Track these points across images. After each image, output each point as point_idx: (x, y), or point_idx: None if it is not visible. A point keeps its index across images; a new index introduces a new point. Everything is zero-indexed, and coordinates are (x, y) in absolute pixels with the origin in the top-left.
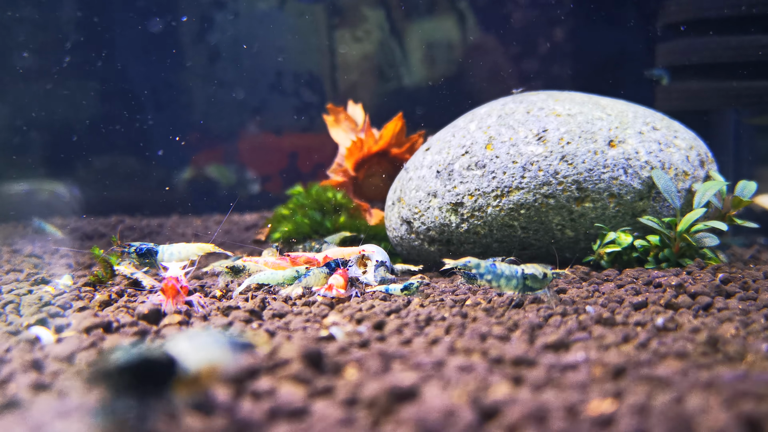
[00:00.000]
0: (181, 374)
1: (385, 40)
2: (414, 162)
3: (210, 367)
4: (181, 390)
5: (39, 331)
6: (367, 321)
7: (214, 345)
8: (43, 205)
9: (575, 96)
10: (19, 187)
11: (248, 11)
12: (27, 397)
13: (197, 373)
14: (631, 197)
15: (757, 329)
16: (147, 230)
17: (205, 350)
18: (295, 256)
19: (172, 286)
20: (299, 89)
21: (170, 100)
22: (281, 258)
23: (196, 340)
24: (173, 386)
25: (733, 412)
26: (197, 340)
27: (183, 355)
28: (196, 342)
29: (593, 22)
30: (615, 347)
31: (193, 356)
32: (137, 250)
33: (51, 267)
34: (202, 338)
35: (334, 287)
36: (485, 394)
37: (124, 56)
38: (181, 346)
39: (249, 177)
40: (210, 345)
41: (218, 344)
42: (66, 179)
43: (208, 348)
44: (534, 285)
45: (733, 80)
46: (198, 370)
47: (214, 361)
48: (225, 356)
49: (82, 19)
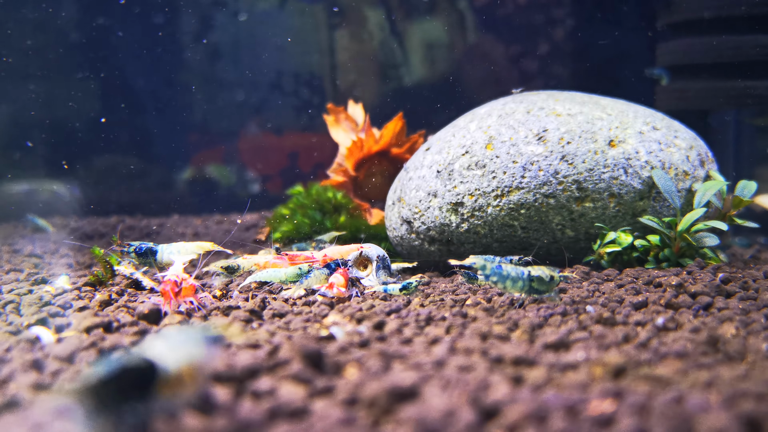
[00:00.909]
0: (162, 376)
1: (385, 39)
2: (414, 162)
3: (189, 365)
4: (166, 391)
5: (39, 331)
6: (367, 321)
7: (189, 342)
8: (43, 205)
9: (575, 96)
10: (19, 186)
11: (248, 11)
12: (27, 397)
13: (178, 373)
14: (632, 197)
15: (758, 329)
16: (147, 230)
17: (181, 348)
18: (293, 254)
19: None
20: (299, 89)
21: (170, 99)
22: (278, 257)
23: (171, 339)
24: (157, 389)
25: (734, 412)
26: (172, 340)
27: (161, 357)
28: (171, 341)
29: (593, 22)
30: (615, 347)
31: (171, 356)
32: (137, 249)
33: (51, 267)
34: (177, 337)
35: (335, 286)
36: (485, 394)
37: (124, 56)
38: (158, 348)
39: (249, 177)
40: (185, 342)
41: (193, 341)
42: (66, 179)
43: (184, 346)
44: (540, 287)
45: (733, 80)
46: (179, 369)
47: (191, 358)
48: (200, 352)
49: (82, 19)
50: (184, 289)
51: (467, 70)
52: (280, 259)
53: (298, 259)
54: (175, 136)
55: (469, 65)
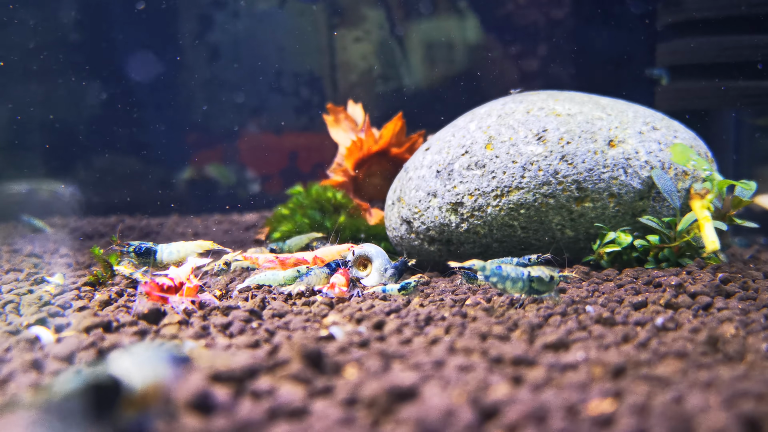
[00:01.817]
0: (127, 394)
1: (385, 39)
2: (414, 162)
3: (154, 384)
4: (129, 410)
5: (39, 331)
6: (366, 321)
7: (155, 360)
8: (42, 205)
9: (575, 96)
10: (18, 186)
11: (248, 10)
12: (27, 397)
13: (144, 391)
14: (631, 197)
15: (757, 329)
16: (147, 230)
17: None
18: (284, 257)
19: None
20: (299, 89)
21: (170, 99)
22: (269, 260)
23: (137, 356)
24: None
25: (733, 412)
26: (138, 357)
27: (127, 374)
28: (137, 359)
29: (593, 22)
30: (615, 347)
31: (137, 374)
32: (136, 249)
33: (51, 266)
34: (143, 354)
35: (336, 286)
36: (485, 394)
37: (124, 55)
38: (124, 365)
39: (249, 177)
40: (150, 360)
41: (158, 359)
42: (66, 179)
43: (149, 364)
44: (540, 287)
45: (733, 80)
46: (144, 388)
47: (157, 377)
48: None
49: (82, 19)
50: (188, 290)
51: (467, 70)
52: (271, 262)
53: (288, 261)
54: (175, 135)
55: (468, 65)
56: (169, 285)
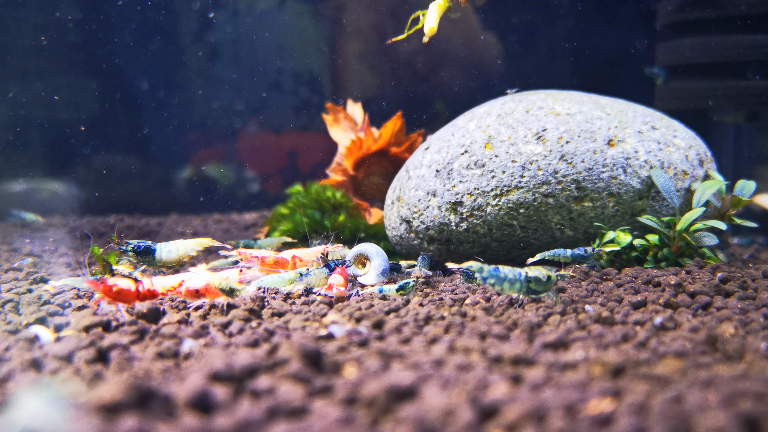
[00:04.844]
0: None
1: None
2: (413, 161)
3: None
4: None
5: (38, 330)
6: (366, 320)
7: (45, 407)
8: (42, 204)
9: (575, 95)
10: (18, 185)
11: (248, 10)
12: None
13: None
14: (631, 196)
15: (756, 328)
16: (146, 229)
17: (43, 415)
18: (263, 257)
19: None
20: (298, 88)
21: (170, 98)
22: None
23: (30, 408)
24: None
25: (732, 411)
26: (31, 408)
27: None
28: (31, 410)
29: (593, 21)
30: (614, 346)
31: (39, 424)
32: (135, 248)
33: (50, 266)
34: (33, 404)
35: (335, 286)
36: (484, 393)
37: (124, 55)
38: (24, 419)
39: (248, 176)
40: (42, 408)
41: (46, 405)
42: (65, 178)
43: (44, 412)
44: (538, 288)
45: (733, 80)
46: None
47: (56, 423)
48: (59, 415)
49: (82, 18)
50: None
51: (467, 69)
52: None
53: (267, 260)
54: (175, 135)
55: (468, 64)
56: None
